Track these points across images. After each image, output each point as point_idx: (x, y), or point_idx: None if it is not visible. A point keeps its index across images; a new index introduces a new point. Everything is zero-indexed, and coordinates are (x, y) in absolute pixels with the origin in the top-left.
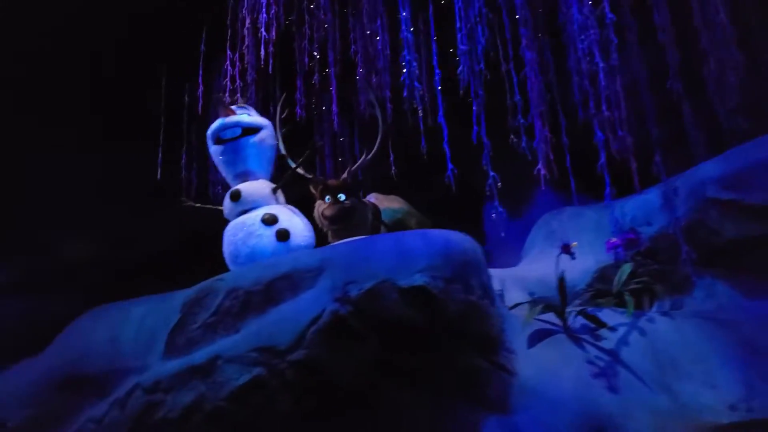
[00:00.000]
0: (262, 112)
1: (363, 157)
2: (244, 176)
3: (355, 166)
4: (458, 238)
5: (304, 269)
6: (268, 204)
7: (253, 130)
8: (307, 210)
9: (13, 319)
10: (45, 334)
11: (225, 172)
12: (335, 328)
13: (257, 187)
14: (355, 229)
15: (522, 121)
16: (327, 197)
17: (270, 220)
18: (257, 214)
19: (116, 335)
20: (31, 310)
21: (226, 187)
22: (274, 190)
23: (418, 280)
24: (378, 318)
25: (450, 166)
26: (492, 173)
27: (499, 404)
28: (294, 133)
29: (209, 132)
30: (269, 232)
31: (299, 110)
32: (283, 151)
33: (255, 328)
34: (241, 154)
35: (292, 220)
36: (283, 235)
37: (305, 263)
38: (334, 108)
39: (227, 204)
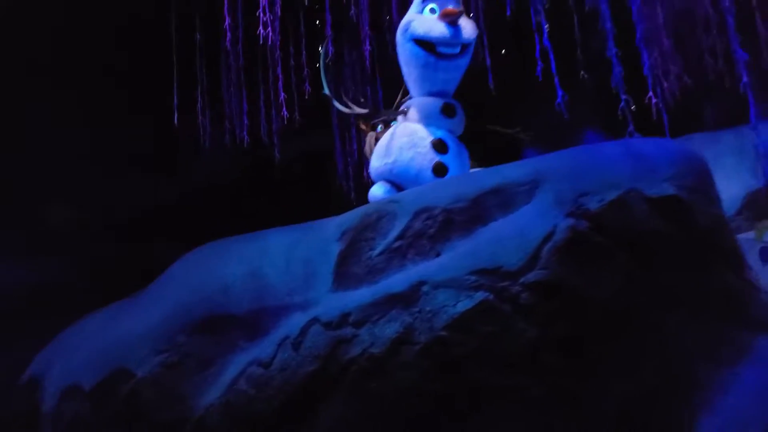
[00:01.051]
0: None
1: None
2: (442, 95)
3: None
4: (689, 146)
5: (515, 183)
6: (447, 128)
7: (465, 45)
8: None
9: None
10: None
11: (419, 85)
12: (575, 244)
13: (431, 104)
14: None
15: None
16: (380, 127)
17: (439, 147)
18: (427, 135)
19: (257, 270)
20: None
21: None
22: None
23: (668, 189)
24: (625, 232)
25: (560, 92)
26: (624, 96)
27: (765, 324)
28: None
29: (420, 32)
30: (431, 158)
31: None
32: (328, 92)
33: (466, 249)
34: (457, 74)
35: (458, 159)
36: (441, 170)
37: (515, 177)
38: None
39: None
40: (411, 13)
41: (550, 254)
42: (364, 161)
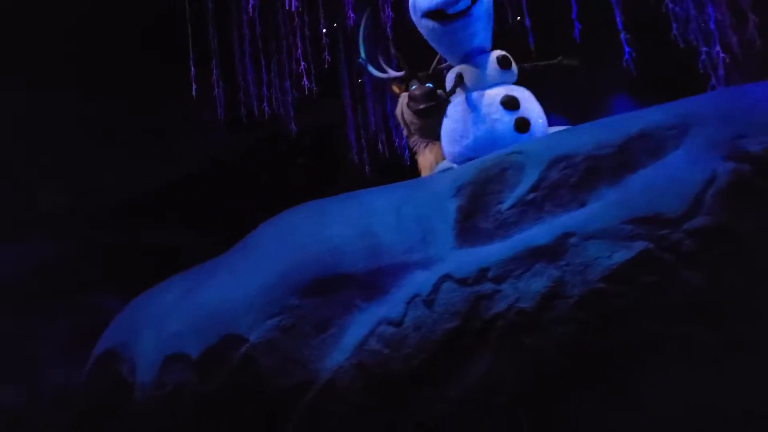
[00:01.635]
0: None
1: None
2: (478, 52)
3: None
4: None
5: (661, 127)
6: (504, 82)
7: None
8: None
9: None
10: None
11: (453, 53)
12: (738, 189)
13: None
14: (438, 127)
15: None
16: (413, 84)
17: (510, 104)
18: (495, 93)
19: (367, 230)
20: None
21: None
22: (501, 64)
23: None
24: None
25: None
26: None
27: None
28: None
29: (424, 5)
30: (508, 118)
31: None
32: (363, 56)
33: (617, 198)
34: (474, 28)
35: (531, 106)
36: (523, 125)
37: (661, 121)
38: None
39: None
40: None
41: (713, 200)
42: (379, 133)
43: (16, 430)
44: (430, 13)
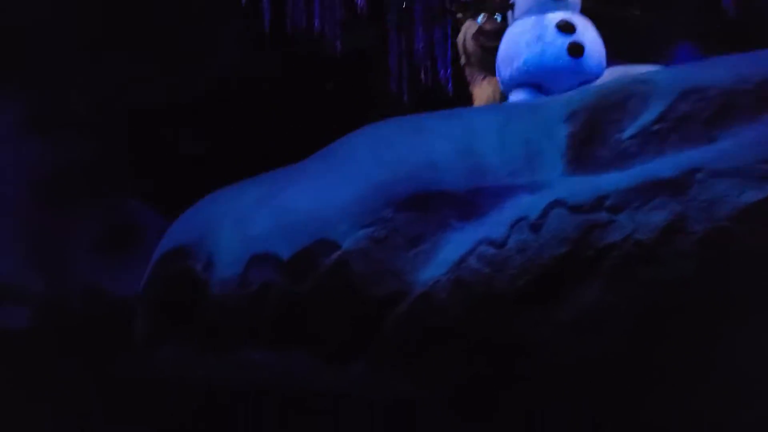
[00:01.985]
0: None
1: None
2: None
3: None
4: None
5: None
6: (571, 9)
7: None
8: None
9: None
10: None
11: None
12: None
13: None
14: None
15: None
16: (480, 16)
17: (566, 28)
18: (553, 17)
19: (469, 148)
20: None
21: None
22: None
23: None
24: None
25: None
26: None
27: None
28: None
29: None
30: (561, 41)
31: None
32: None
33: (754, 136)
34: None
35: (588, 33)
36: (577, 50)
37: None
38: None
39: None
40: None
41: None
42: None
43: (46, 323)
44: None
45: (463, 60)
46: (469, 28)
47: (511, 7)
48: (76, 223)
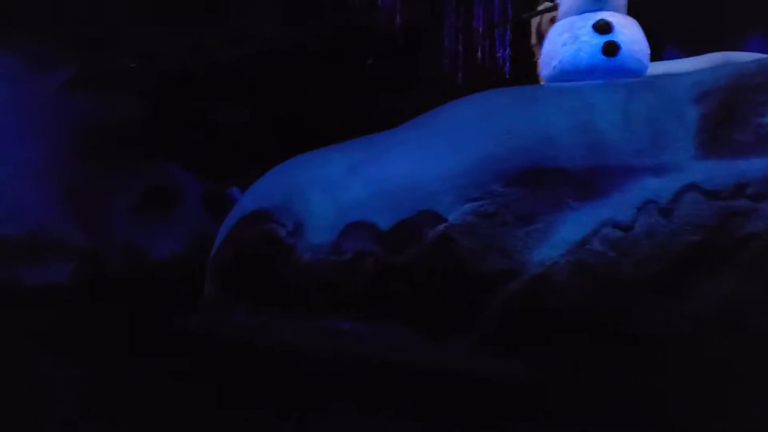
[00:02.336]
0: None
1: None
2: None
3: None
4: None
5: None
6: (613, 10)
7: None
8: None
9: None
10: None
11: None
12: None
13: None
14: None
15: None
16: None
17: (603, 28)
18: (591, 17)
19: (588, 124)
20: None
21: None
22: None
23: None
24: None
25: None
26: None
27: None
28: None
29: None
30: (596, 41)
31: None
32: None
33: None
34: None
35: (627, 32)
36: (611, 49)
37: None
38: None
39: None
40: None
41: None
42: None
43: (88, 275)
44: None
45: (534, 40)
46: (544, 21)
47: None
48: (119, 182)
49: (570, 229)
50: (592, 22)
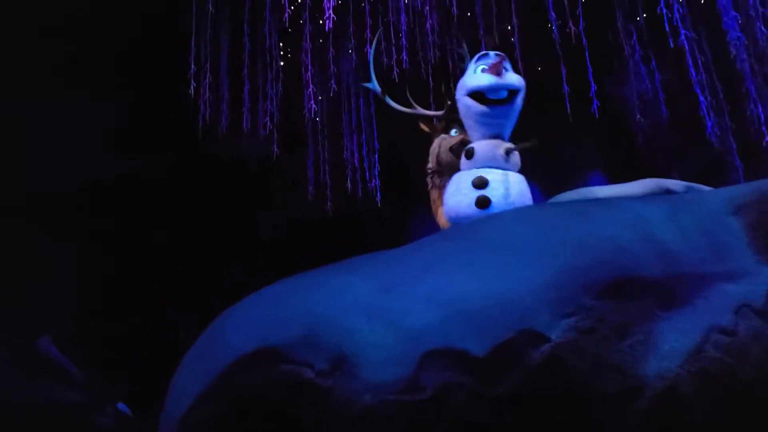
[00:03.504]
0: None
1: None
2: (496, 138)
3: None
4: None
5: None
6: (500, 167)
7: (514, 92)
8: None
9: None
10: None
11: (477, 131)
12: None
13: (490, 147)
14: None
15: None
16: (454, 130)
17: (479, 184)
18: (475, 173)
19: (650, 235)
20: None
21: None
22: (507, 152)
23: None
24: None
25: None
26: None
27: None
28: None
29: (471, 85)
30: (472, 195)
31: None
32: (378, 90)
33: None
34: (506, 120)
35: (501, 187)
36: (483, 203)
37: None
38: None
39: (462, 160)
40: (466, 75)
41: None
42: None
43: None
44: (472, 94)
45: (432, 165)
46: (444, 141)
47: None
48: None
49: (675, 338)
50: (473, 177)
